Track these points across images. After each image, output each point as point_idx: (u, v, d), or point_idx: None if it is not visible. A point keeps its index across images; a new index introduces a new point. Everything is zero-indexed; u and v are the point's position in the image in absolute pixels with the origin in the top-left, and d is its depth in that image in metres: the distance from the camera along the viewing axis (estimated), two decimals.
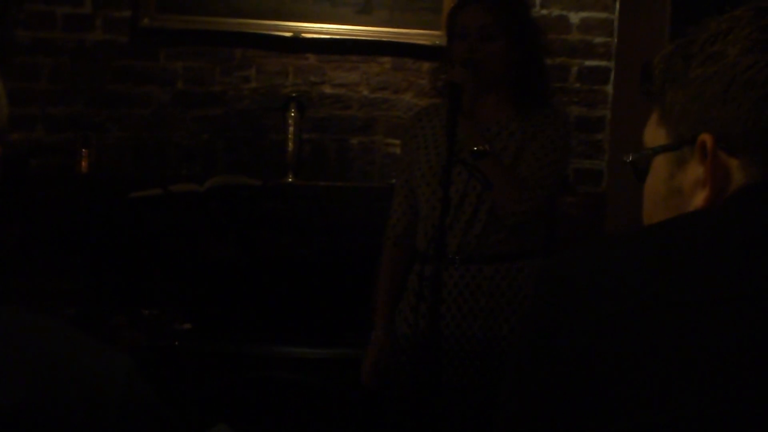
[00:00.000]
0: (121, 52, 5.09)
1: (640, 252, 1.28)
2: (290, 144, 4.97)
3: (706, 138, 1.34)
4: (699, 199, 1.36)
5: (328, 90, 5.15)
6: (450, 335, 3.53)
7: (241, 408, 4.19)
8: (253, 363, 4.27)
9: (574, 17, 5.18)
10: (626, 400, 1.19)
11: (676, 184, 1.39)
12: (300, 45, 5.10)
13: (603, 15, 5.19)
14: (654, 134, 1.43)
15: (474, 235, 3.55)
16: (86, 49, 5.07)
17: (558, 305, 1.27)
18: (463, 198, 3.55)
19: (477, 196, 3.54)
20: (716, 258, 1.24)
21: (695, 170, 1.36)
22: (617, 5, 5.17)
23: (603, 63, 5.19)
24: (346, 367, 3.91)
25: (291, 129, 4.98)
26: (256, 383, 4.24)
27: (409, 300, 3.66)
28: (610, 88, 5.19)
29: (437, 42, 4.83)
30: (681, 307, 1.21)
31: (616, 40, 5.17)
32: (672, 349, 1.19)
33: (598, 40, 5.19)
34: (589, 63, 5.19)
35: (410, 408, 3.60)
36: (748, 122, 1.31)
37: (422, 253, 3.62)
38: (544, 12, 5.12)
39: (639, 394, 1.19)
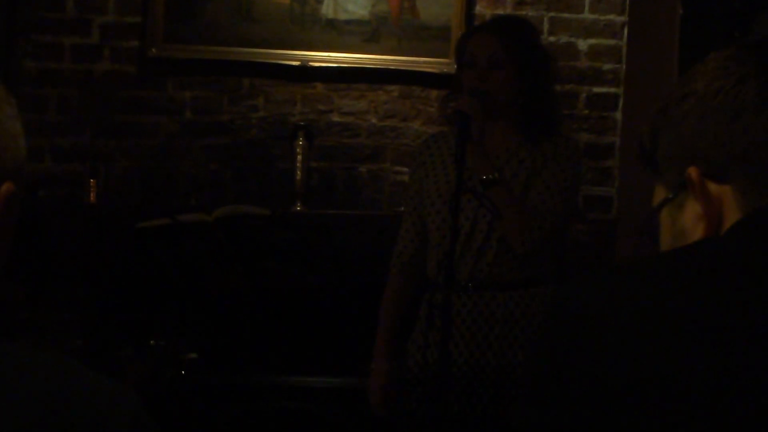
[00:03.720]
0: (128, 82, 5.09)
1: (651, 279, 1.28)
2: (298, 173, 4.96)
3: (691, 171, 1.36)
4: (698, 233, 1.37)
5: (336, 118, 5.14)
6: (463, 363, 3.51)
7: None
8: (261, 393, 4.25)
9: (583, 44, 5.18)
10: (640, 427, 1.18)
11: (679, 227, 1.41)
12: (308, 74, 5.10)
13: (612, 42, 5.18)
14: (656, 196, 1.45)
15: (486, 263, 3.54)
16: (94, 80, 5.08)
17: (569, 334, 1.27)
18: (474, 226, 3.54)
19: (488, 224, 3.52)
20: (728, 284, 1.24)
21: (693, 208, 1.38)
22: (625, 32, 5.16)
23: (612, 89, 5.19)
24: (354, 397, 3.89)
25: (299, 158, 4.97)
26: (265, 413, 4.22)
27: (420, 328, 3.64)
28: (619, 115, 5.18)
29: (445, 70, 4.83)
30: (693, 333, 1.21)
31: (624, 66, 5.17)
32: (685, 375, 1.18)
33: (607, 66, 5.18)
34: (597, 90, 5.19)
35: None
36: (726, 146, 1.33)
37: (433, 281, 3.61)
38: (553, 39, 5.12)
39: (653, 421, 1.18)
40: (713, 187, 1.36)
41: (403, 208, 4.00)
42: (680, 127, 1.39)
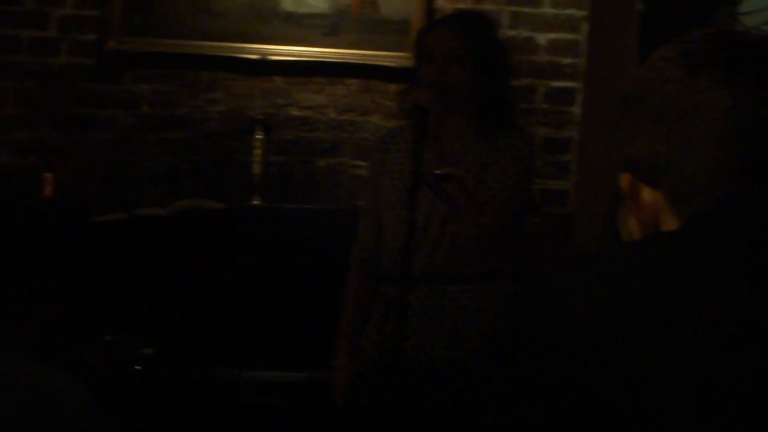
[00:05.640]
0: (86, 75, 5.06)
1: (618, 270, 1.28)
2: (256, 166, 4.95)
3: (623, 178, 1.37)
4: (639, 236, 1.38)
5: (294, 112, 5.13)
6: (415, 357, 3.51)
7: None
8: (218, 388, 4.23)
9: (542, 38, 5.18)
10: (621, 421, 1.19)
11: (628, 229, 1.42)
12: (267, 67, 5.08)
13: (571, 36, 5.19)
14: None
15: (440, 257, 3.54)
16: (52, 73, 5.04)
17: (539, 325, 1.27)
18: (429, 220, 3.54)
19: (442, 219, 3.53)
20: (690, 276, 1.24)
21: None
22: (585, 26, 5.17)
23: (570, 84, 5.19)
24: (313, 391, 3.88)
25: (257, 151, 4.96)
26: (222, 409, 4.21)
27: (375, 322, 3.64)
28: (577, 109, 5.19)
29: (404, 64, 4.82)
30: (659, 322, 1.21)
31: (583, 61, 5.17)
32: (667, 371, 1.19)
33: (566, 61, 5.19)
34: (556, 84, 5.19)
35: (379, 429, 3.58)
36: (652, 152, 1.33)
37: (387, 274, 3.61)
38: (512, 33, 5.11)
39: (635, 415, 1.18)
40: (648, 192, 1.36)
41: (361, 203, 4.00)
42: (619, 131, 1.39)
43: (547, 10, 5.20)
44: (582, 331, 1.23)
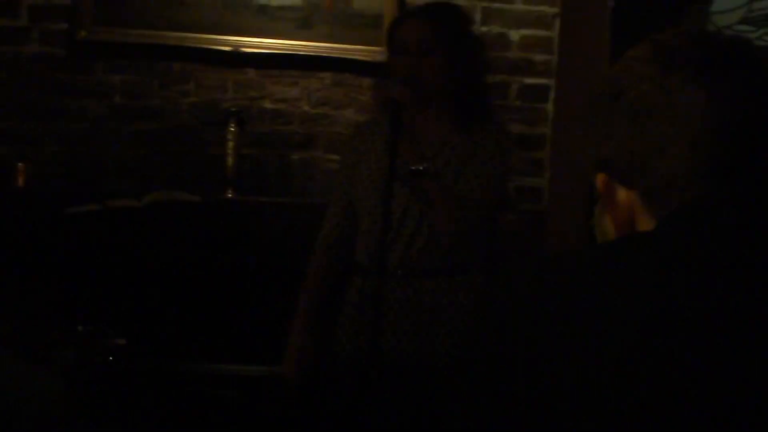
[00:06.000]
0: (57, 65, 5.02)
1: (580, 272, 1.29)
2: (230, 159, 4.92)
3: (599, 177, 1.38)
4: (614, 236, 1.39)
5: (268, 105, 5.11)
6: (390, 350, 3.51)
7: (175, 426, 4.15)
8: (189, 380, 4.22)
9: (515, 35, 5.19)
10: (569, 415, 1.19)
11: (602, 229, 1.43)
12: (239, 59, 5.07)
13: (543, 33, 5.20)
14: None
15: (416, 250, 3.55)
16: (22, 62, 5.00)
17: (500, 325, 1.27)
18: (406, 213, 3.55)
19: (419, 212, 3.53)
20: (650, 278, 1.25)
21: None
22: (557, 23, 5.18)
23: (543, 81, 5.20)
24: (283, 385, 3.87)
25: (230, 144, 4.93)
26: (194, 401, 4.20)
27: (349, 314, 3.63)
28: (550, 106, 5.20)
29: (378, 58, 4.81)
30: (617, 324, 1.22)
31: (556, 57, 5.18)
32: (610, 364, 1.20)
33: (539, 57, 5.20)
34: (529, 81, 5.20)
35: (349, 423, 3.57)
36: (627, 152, 1.34)
37: (363, 267, 3.60)
38: (485, 29, 5.12)
39: (596, 411, 1.19)
40: (623, 192, 1.36)
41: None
42: (593, 131, 1.40)
43: (519, 6, 5.20)
44: (549, 329, 1.24)
